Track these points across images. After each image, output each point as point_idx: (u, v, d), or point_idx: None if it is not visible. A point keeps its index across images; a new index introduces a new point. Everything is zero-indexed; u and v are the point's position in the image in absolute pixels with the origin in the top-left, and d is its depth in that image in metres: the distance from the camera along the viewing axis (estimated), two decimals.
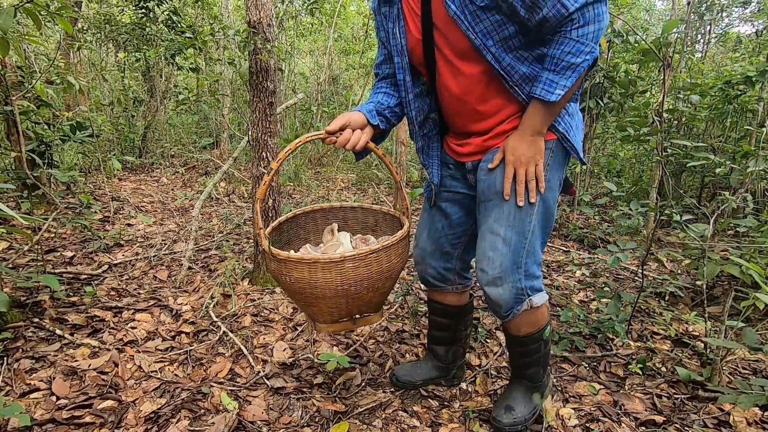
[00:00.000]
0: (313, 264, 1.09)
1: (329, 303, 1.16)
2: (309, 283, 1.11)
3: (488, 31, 1.05)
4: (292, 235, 1.49)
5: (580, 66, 1.02)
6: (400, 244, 1.21)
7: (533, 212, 1.17)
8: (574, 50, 1.00)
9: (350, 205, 1.54)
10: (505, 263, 1.16)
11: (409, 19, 1.17)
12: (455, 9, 1.04)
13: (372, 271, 1.12)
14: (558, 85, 1.03)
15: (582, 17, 0.97)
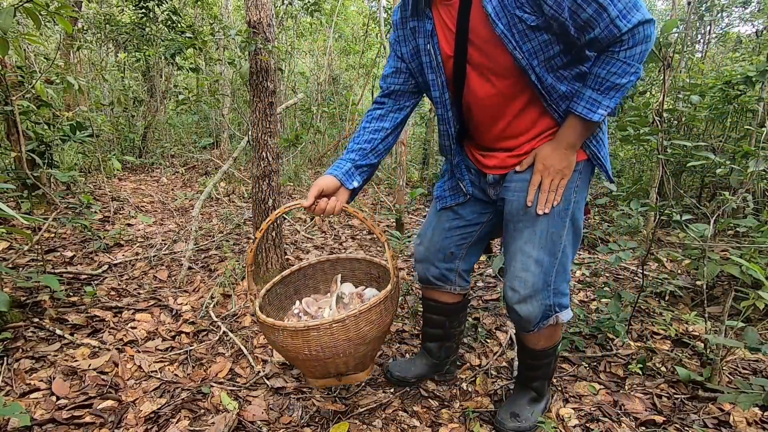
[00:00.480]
0: (281, 330, 1.15)
1: (306, 364, 1.22)
2: (282, 346, 1.18)
3: (535, 50, 1.03)
4: (300, 284, 1.57)
5: (624, 87, 1.01)
6: (372, 312, 1.19)
7: (564, 233, 1.19)
8: (620, 71, 0.99)
9: (355, 257, 1.61)
10: (537, 283, 1.17)
11: (442, 35, 1.14)
12: (503, 28, 1.01)
13: (338, 339, 1.15)
14: (601, 105, 1.03)
15: (632, 39, 0.96)
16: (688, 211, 3.17)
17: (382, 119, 1.30)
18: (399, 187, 3.35)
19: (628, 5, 0.93)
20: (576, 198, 1.18)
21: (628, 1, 0.94)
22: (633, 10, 0.94)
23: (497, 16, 1.00)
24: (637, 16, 0.94)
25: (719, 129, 3.90)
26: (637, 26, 0.94)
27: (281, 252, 2.40)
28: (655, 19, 0.97)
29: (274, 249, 2.35)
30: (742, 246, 1.88)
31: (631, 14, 0.94)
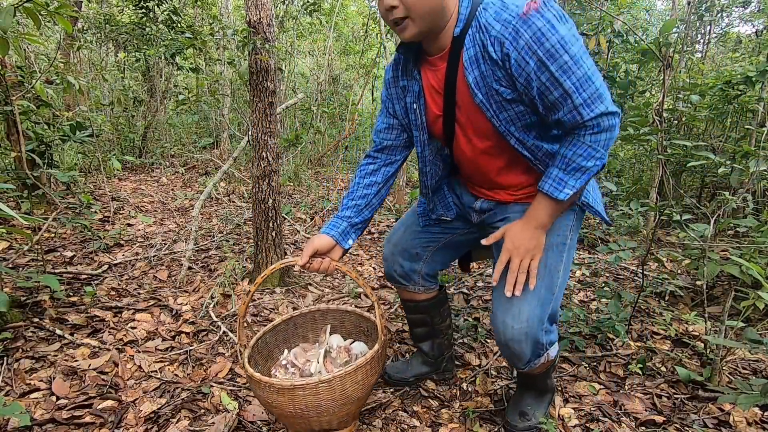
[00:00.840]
0: (268, 386, 1.16)
1: (290, 420, 1.22)
2: (268, 401, 1.19)
3: (512, 119, 1.07)
4: (290, 333, 1.58)
5: (589, 170, 1.03)
6: (358, 372, 1.21)
7: (561, 267, 1.17)
8: (585, 154, 1.01)
9: (346, 309, 1.61)
10: (533, 319, 1.12)
11: (429, 97, 1.18)
12: (482, 98, 1.05)
13: (323, 399, 1.16)
14: (567, 184, 1.04)
15: (596, 125, 0.99)
16: (688, 211, 3.17)
17: (375, 174, 1.35)
18: (399, 187, 3.35)
19: (593, 95, 0.97)
20: (571, 236, 1.19)
21: (594, 91, 0.97)
22: (597, 101, 0.97)
23: (477, 87, 1.05)
24: (601, 108, 0.97)
25: (719, 129, 3.90)
26: (600, 116, 0.98)
27: (281, 252, 2.40)
28: (619, 111, 1.00)
29: (274, 249, 2.35)
30: (742, 246, 1.88)
31: (595, 105, 0.97)
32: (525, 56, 0.95)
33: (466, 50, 1.04)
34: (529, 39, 0.94)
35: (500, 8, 0.97)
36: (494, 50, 0.98)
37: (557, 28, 0.93)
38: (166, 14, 4.52)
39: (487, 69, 1.02)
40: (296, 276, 2.53)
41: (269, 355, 1.51)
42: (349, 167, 6.15)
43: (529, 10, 0.93)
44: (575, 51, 0.94)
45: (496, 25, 0.97)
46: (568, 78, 0.95)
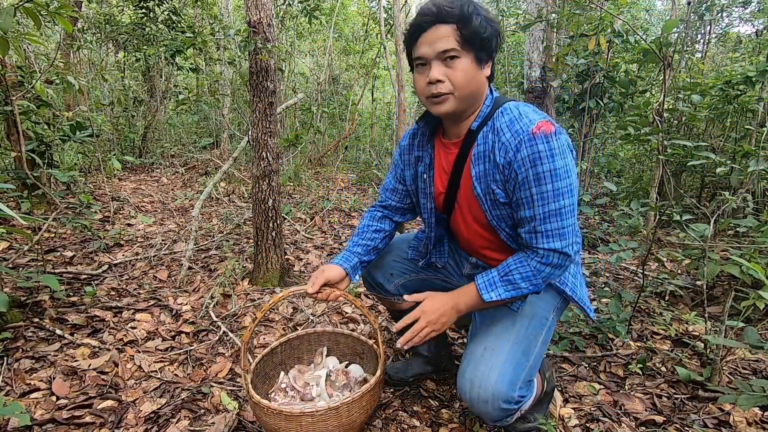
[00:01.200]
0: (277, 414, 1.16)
1: None
2: (274, 428, 1.19)
3: (503, 217, 1.13)
4: (286, 356, 1.59)
5: (520, 289, 1.08)
6: (364, 398, 1.22)
7: (540, 338, 1.16)
8: (525, 274, 1.07)
9: (342, 332, 1.62)
10: (501, 383, 1.06)
11: (438, 172, 1.24)
12: (480, 191, 1.12)
13: (330, 425, 1.17)
14: (496, 290, 1.09)
15: (546, 257, 1.05)
16: (688, 211, 3.17)
17: (383, 221, 1.42)
18: None
19: (555, 231, 1.03)
20: (553, 316, 1.20)
21: (558, 228, 1.03)
22: (556, 238, 1.03)
23: (478, 181, 1.12)
24: (556, 245, 1.03)
25: (719, 129, 3.90)
26: (552, 251, 1.04)
27: (281, 252, 2.40)
28: (572, 256, 1.06)
29: (274, 249, 2.35)
30: (742, 246, 1.88)
31: (553, 240, 1.03)
32: (518, 168, 1.02)
33: (477, 145, 1.11)
34: (527, 156, 1.00)
35: (515, 118, 1.04)
36: (499, 154, 1.05)
37: (554, 159, 0.99)
38: (166, 14, 4.52)
39: (489, 168, 1.08)
40: (296, 276, 2.53)
41: (265, 377, 1.51)
42: (349, 167, 6.15)
43: (539, 130, 0.99)
44: (560, 186, 1.00)
45: (507, 133, 1.03)
46: (541, 205, 1.01)
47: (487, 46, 1.05)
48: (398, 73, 3.31)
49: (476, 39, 1.02)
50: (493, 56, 1.09)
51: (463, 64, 1.03)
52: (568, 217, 1.03)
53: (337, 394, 1.41)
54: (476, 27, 1.01)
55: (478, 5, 1.04)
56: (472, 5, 1.02)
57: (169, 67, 6.09)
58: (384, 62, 6.19)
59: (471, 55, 1.03)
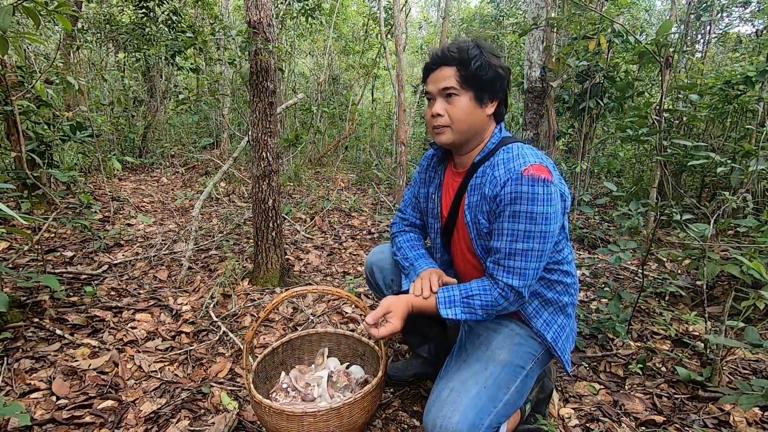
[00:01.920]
0: (279, 413, 1.16)
1: None
2: (275, 427, 1.20)
3: (487, 248, 1.17)
4: (287, 356, 1.60)
5: (476, 315, 1.13)
6: (366, 399, 1.22)
7: (513, 387, 1.14)
8: (485, 303, 1.12)
9: (343, 333, 1.63)
10: (462, 423, 1.04)
11: (445, 194, 1.31)
12: (469, 220, 1.19)
13: (331, 425, 1.18)
14: (454, 309, 1.14)
15: (504, 291, 1.10)
16: (688, 211, 3.17)
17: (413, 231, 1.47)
18: (399, 187, 3.35)
19: (516, 269, 1.08)
20: (532, 365, 1.19)
21: (520, 268, 1.08)
22: (515, 276, 1.08)
23: (469, 209, 1.18)
24: (514, 282, 1.09)
25: (719, 129, 3.90)
26: (510, 288, 1.10)
27: (281, 252, 2.40)
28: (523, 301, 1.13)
29: (274, 249, 2.35)
30: (743, 246, 1.88)
31: (512, 276, 1.09)
32: (500, 201, 1.08)
33: (475, 176, 1.18)
34: (511, 193, 1.05)
35: (513, 157, 1.10)
36: (489, 187, 1.11)
37: (534, 203, 1.04)
38: (167, 14, 4.52)
39: (479, 200, 1.15)
40: (296, 276, 2.53)
41: (266, 377, 1.51)
42: (349, 167, 6.15)
43: (529, 171, 1.04)
44: (532, 229, 1.05)
45: (501, 169, 1.10)
46: (509, 241, 1.07)
47: (489, 87, 1.14)
48: (398, 73, 3.31)
49: (476, 80, 1.12)
50: (498, 97, 1.17)
51: (462, 101, 1.13)
52: (533, 260, 1.07)
53: (338, 395, 1.41)
54: (476, 69, 1.11)
55: (485, 51, 1.13)
56: (477, 50, 1.12)
57: (169, 67, 6.09)
58: (384, 62, 6.19)
59: (470, 94, 1.13)
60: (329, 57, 6.57)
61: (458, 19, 10.01)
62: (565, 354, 1.24)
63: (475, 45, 1.13)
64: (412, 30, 11.60)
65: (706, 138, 3.80)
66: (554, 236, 1.09)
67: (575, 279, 1.26)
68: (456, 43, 1.15)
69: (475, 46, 1.13)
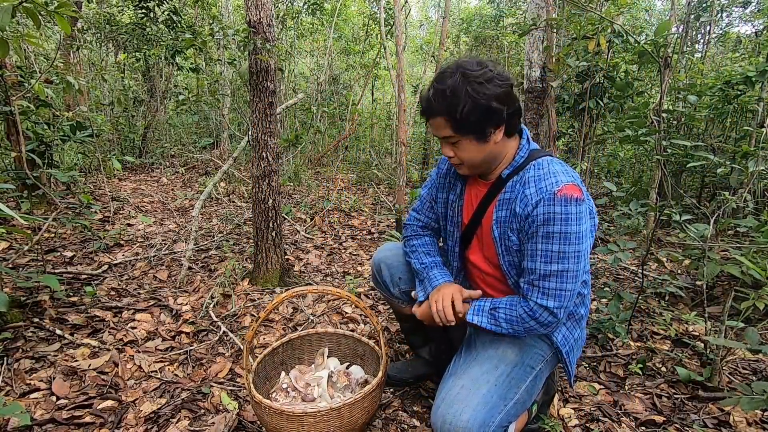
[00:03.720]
0: (279, 414, 1.17)
1: None
2: (275, 427, 1.20)
3: (514, 264, 1.16)
4: (287, 356, 1.60)
5: (501, 328, 1.13)
6: (366, 399, 1.22)
7: (523, 385, 1.15)
8: (510, 317, 1.12)
9: (344, 333, 1.63)
10: (474, 421, 1.03)
11: (467, 202, 1.28)
12: (497, 235, 1.17)
13: (332, 425, 1.18)
14: (480, 317, 1.15)
15: (534, 311, 1.08)
16: (688, 211, 3.17)
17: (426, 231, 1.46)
18: (399, 187, 3.35)
19: (552, 290, 1.06)
20: (542, 366, 1.20)
21: (555, 289, 1.06)
22: (551, 298, 1.06)
23: (498, 224, 1.16)
24: (549, 303, 1.07)
25: (719, 129, 3.90)
26: (542, 309, 1.07)
27: (281, 252, 2.40)
28: (559, 321, 1.09)
29: (274, 249, 2.35)
30: (742, 246, 1.88)
31: (547, 298, 1.07)
32: (532, 222, 1.06)
33: (504, 192, 1.16)
34: (544, 213, 1.03)
35: (544, 175, 1.08)
36: (520, 205, 1.09)
37: (569, 223, 1.02)
38: (167, 14, 4.52)
39: (509, 216, 1.13)
40: (296, 276, 2.53)
41: (266, 377, 1.51)
42: (349, 167, 6.15)
43: (562, 192, 1.02)
44: (567, 250, 1.03)
45: (533, 187, 1.08)
46: (544, 263, 1.05)
47: (486, 123, 1.07)
48: (398, 73, 3.31)
49: (468, 125, 1.07)
50: (500, 123, 1.09)
51: (464, 144, 1.11)
52: (569, 282, 1.05)
53: (338, 395, 1.41)
54: (463, 116, 1.05)
55: (471, 88, 1.03)
56: (458, 94, 1.04)
57: (169, 67, 6.09)
58: (384, 62, 6.19)
59: (470, 136, 1.09)
60: (329, 57, 6.57)
61: (458, 19, 10.00)
62: (572, 365, 1.24)
63: (458, 83, 1.03)
64: (412, 30, 11.60)
65: (706, 138, 3.80)
66: (587, 255, 1.08)
67: (590, 289, 1.26)
68: (438, 85, 1.06)
69: (459, 85, 1.03)
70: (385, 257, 1.50)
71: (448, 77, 1.06)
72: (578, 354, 1.27)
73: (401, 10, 3.77)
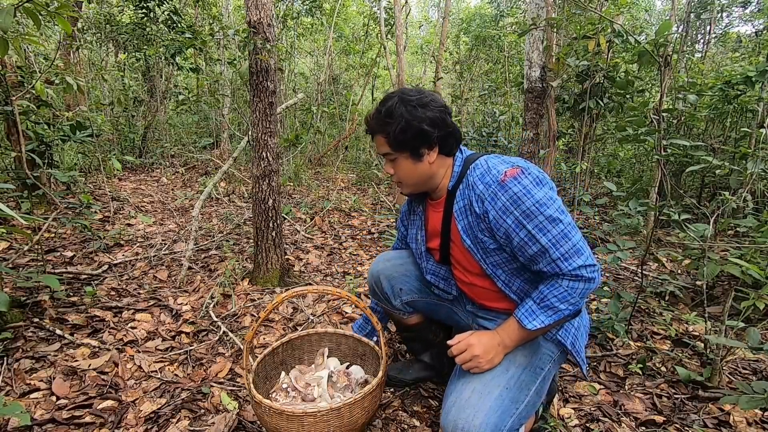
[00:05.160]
0: (279, 414, 1.17)
1: None
2: (275, 427, 1.20)
3: (499, 263, 1.17)
4: (287, 356, 1.60)
5: (561, 312, 1.09)
6: (366, 399, 1.22)
7: (533, 387, 1.14)
8: (560, 296, 1.08)
9: (344, 333, 1.63)
10: (486, 425, 1.03)
11: (431, 231, 1.33)
12: (470, 243, 1.18)
13: (332, 425, 1.18)
14: (537, 318, 1.10)
15: (576, 276, 1.06)
16: (688, 211, 3.17)
17: None
18: None
19: (570, 250, 1.04)
20: (549, 367, 1.19)
21: (571, 247, 1.04)
22: (575, 256, 1.04)
23: (465, 234, 1.18)
24: (578, 261, 1.04)
25: (719, 129, 3.90)
26: (579, 268, 1.05)
27: (281, 252, 2.40)
28: (598, 265, 1.07)
29: (274, 249, 2.35)
30: (742, 246, 1.88)
31: (573, 259, 1.04)
32: (502, 215, 1.07)
33: (456, 202, 1.20)
34: (506, 201, 1.06)
35: (485, 171, 1.12)
36: (477, 206, 1.13)
37: (532, 192, 1.04)
38: (167, 14, 4.52)
39: (473, 220, 1.16)
40: (296, 276, 2.53)
41: (266, 377, 1.50)
42: (349, 167, 6.15)
43: (506, 177, 1.07)
44: (551, 212, 1.04)
45: (480, 185, 1.12)
46: (544, 235, 1.04)
47: (419, 142, 1.15)
48: (398, 73, 3.30)
49: (404, 142, 1.15)
50: (435, 143, 1.16)
51: (401, 162, 1.19)
52: (574, 234, 1.05)
53: (338, 395, 1.41)
54: (398, 135, 1.13)
55: (405, 110, 1.13)
56: (393, 115, 1.13)
57: (169, 67, 6.09)
58: (384, 62, 6.19)
59: (406, 153, 1.17)
60: (329, 57, 6.57)
61: (458, 19, 10.00)
62: (581, 355, 1.23)
63: (394, 106, 1.14)
64: (412, 30, 11.59)
65: (706, 138, 3.80)
66: (566, 210, 1.08)
67: None
68: (381, 106, 1.17)
69: (395, 107, 1.13)
70: (383, 269, 1.48)
71: (388, 100, 1.17)
72: (584, 341, 1.26)
73: (401, 10, 3.77)
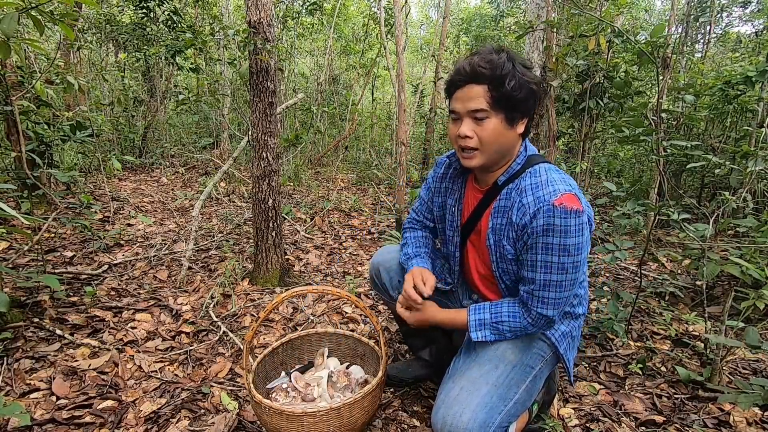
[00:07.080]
0: (279, 413, 1.17)
1: None
2: (275, 428, 1.20)
3: (507, 272, 1.17)
4: (287, 356, 1.60)
5: (502, 334, 1.15)
6: (366, 399, 1.23)
7: (522, 387, 1.14)
8: (513, 328, 1.13)
9: (343, 333, 1.63)
10: (473, 422, 1.03)
11: (465, 205, 1.28)
12: (491, 243, 1.17)
13: (331, 425, 1.18)
14: (483, 332, 1.16)
15: (536, 320, 1.11)
16: (688, 211, 3.16)
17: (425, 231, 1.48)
18: (399, 187, 3.35)
19: (551, 300, 1.08)
20: (541, 367, 1.20)
21: (555, 298, 1.07)
22: (550, 307, 1.08)
23: (492, 232, 1.16)
24: (548, 312, 1.09)
25: (719, 129, 3.90)
26: (543, 317, 1.10)
27: (281, 252, 2.40)
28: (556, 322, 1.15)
29: (274, 249, 2.35)
30: (742, 246, 1.88)
31: (546, 307, 1.09)
32: (531, 233, 1.05)
33: (499, 199, 1.15)
34: (542, 225, 1.02)
35: (542, 183, 1.06)
36: (517, 215, 1.08)
37: (568, 235, 1.01)
38: (167, 14, 4.52)
39: (504, 224, 1.12)
40: (296, 276, 2.53)
41: (266, 377, 1.51)
42: (349, 167, 6.15)
43: (561, 202, 1.00)
44: (566, 261, 1.03)
45: (530, 196, 1.06)
46: (545, 273, 1.06)
47: (521, 107, 1.06)
48: (398, 73, 3.30)
49: (508, 101, 1.03)
50: (529, 114, 1.10)
51: (492, 123, 1.05)
52: (566, 290, 1.07)
53: (338, 395, 1.41)
54: (508, 90, 1.02)
55: (517, 65, 1.04)
56: (509, 66, 1.02)
57: (169, 67, 6.09)
58: (384, 62, 6.19)
59: (501, 116, 1.05)
60: (329, 57, 6.57)
61: (458, 19, 10.00)
62: (570, 362, 1.25)
63: (507, 59, 1.03)
64: (412, 30, 11.60)
65: (706, 138, 3.80)
66: (585, 261, 1.08)
67: (587, 289, 1.26)
68: (485, 55, 1.03)
69: (508, 60, 1.02)
70: (383, 260, 1.49)
71: (493, 53, 1.04)
72: (574, 353, 1.27)
73: (401, 10, 3.77)
